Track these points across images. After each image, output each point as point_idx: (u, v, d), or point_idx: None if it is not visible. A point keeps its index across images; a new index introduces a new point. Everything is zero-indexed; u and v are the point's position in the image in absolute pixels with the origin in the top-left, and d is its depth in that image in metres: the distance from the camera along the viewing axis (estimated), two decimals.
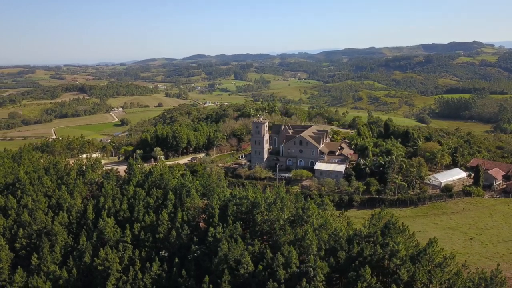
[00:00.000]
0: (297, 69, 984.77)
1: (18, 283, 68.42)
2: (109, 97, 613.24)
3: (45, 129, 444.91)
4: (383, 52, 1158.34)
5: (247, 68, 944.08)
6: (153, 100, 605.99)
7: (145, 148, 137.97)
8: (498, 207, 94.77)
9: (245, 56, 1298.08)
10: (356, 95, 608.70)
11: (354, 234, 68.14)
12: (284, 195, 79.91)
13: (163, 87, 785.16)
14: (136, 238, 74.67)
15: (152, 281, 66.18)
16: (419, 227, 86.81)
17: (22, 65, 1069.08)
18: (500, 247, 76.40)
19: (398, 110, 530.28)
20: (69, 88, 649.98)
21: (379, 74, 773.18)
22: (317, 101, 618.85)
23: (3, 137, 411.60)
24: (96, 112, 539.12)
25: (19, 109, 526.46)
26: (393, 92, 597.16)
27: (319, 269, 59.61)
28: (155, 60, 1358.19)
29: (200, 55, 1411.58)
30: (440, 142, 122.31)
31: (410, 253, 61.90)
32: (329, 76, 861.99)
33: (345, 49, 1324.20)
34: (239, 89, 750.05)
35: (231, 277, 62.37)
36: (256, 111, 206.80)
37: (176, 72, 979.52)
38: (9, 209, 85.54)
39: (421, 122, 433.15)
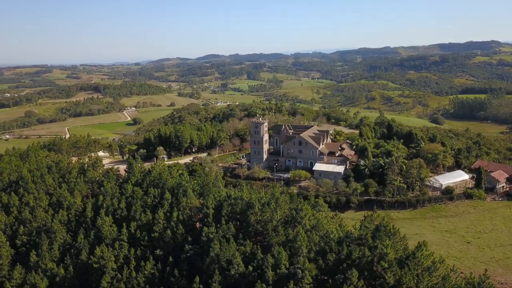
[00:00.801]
0: (310, 68, 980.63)
1: (16, 279, 69.48)
2: (122, 96, 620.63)
3: (60, 128, 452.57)
4: (398, 51, 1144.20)
5: (260, 68, 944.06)
6: (165, 100, 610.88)
7: (148, 147, 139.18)
8: (500, 210, 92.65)
9: (259, 56, 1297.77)
10: (369, 95, 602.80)
11: (345, 236, 67.50)
12: (279, 195, 79.67)
13: (177, 87, 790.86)
14: (132, 236, 75.29)
15: (146, 280, 66.54)
16: (416, 230, 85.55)
17: (40, 65, 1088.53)
18: (497, 251, 74.72)
19: (412, 111, 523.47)
20: (83, 87, 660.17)
21: (393, 74, 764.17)
22: (329, 101, 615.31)
23: (18, 135, 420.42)
24: (110, 111, 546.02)
25: (35, 108, 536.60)
26: (406, 92, 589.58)
27: (307, 271, 59.20)
28: (170, 60, 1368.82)
29: (214, 55, 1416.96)
30: (444, 143, 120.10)
31: (399, 256, 61.06)
32: (342, 76, 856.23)
33: (360, 49, 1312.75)
34: (252, 88, 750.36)
35: (222, 278, 62.34)
36: (263, 111, 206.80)
37: (189, 72, 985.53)
38: (11, 206, 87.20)
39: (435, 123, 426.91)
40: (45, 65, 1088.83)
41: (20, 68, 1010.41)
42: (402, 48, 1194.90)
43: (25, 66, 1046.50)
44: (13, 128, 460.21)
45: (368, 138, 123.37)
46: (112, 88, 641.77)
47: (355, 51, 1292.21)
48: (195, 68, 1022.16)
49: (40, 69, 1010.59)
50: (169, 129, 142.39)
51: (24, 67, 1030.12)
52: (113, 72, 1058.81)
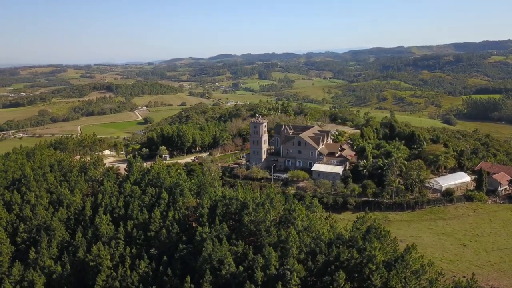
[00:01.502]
0: (322, 68, 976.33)
1: (15, 276, 70.57)
2: (134, 95, 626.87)
3: (72, 127, 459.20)
4: (412, 51, 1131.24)
5: (272, 68, 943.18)
6: (176, 99, 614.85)
7: (151, 146, 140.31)
8: (500, 213, 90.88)
9: (271, 56, 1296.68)
10: (381, 95, 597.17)
11: (336, 237, 67.15)
12: (274, 196, 79.59)
13: (188, 86, 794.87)
14: (129, 235, 75.96)
15: (140, 278, 67.02)
16: (413, 232, 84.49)
17: (55, 64, 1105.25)
18: (493, 255, 73.33)
19: (424, 111, 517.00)
20: (96, 87, 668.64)
21: (406, 74, 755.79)
22: (340, 101, 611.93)
23: (32, 133, 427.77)
24: (121, 111, 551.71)
25: (49, 107, 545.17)
26: (419, 92, 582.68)
27: (295, 273, 59.02)
28: (182, 60, 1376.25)
29: (226, 55, 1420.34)
30: (446, 144, 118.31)
31: (387, 259, 60.50)
32: (354, 75, 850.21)
33: (373, 48, 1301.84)
34: (263, 88, 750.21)
35: (214, 277, 62.51)
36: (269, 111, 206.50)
37: (201, 72, 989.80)
38: (13, 204, 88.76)
39: (447, 123, 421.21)
40: (60, 65, 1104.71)
41: (35, 68, 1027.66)
42: (416, 47, 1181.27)
43: (41, 66, 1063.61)
44: (27, 126, 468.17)
45: (369, 139, 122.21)
46: (124, 88, 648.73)
47: (368, 50, 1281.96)
48: (207, 68, 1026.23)
49: (55, 68, 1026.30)
50: (171, 128, 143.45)
51: (40, 67, 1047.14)
52: (126, 72, 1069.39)
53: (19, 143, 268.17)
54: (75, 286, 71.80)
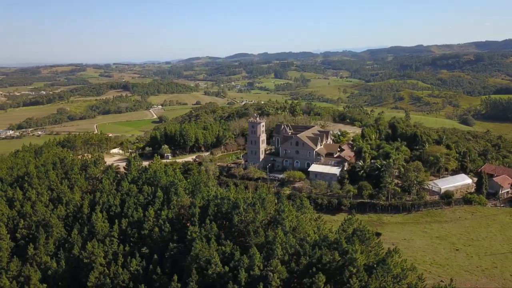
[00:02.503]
0: (339, 67, 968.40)
1: (12, 271, 72.05)
2: (150, 94, 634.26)
3: (89, 125, 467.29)
4: (432, 50, 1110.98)
5: (288, 67, 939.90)
6: (192, 98, 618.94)
7: (154, 145, 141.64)
8: (499, 217, 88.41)
9: (288, 55, 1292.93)
10: (397, 95, 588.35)
11: (322, 239, 66.52)
12: (265, 196, 79.29)
13: (204, 86, 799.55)
14: (123, 233, 76.78)
15: (131, 276, 67.57)
16: (406, 235, 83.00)
17: (75, 63, 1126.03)
18: (486, 260, 71.38)
19: (441, 111, 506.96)
20: (113, 85, 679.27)
21: (424, 73, 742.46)
22: (356, 101, 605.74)
23: (50, 131, 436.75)
24: (137, 109, 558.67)
25: (67, 106, 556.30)
26: (436, 92, 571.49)
27: (276, 274, 58.76)
28: (199, 59, 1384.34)
29: (243, 54, 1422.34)
30: (449, 146, 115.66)
31: (369, 262, 59.64)
32: (371, 75, 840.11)
33: (391, 47, 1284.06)
34: (278, 87, 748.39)
35: (201, 277, 62.70)
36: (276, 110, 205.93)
37: (218, 71, 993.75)
38: (15, 200, 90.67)
39: (464, 124, 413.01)
40: (80, 64, 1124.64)
41: (56, 67, 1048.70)
42: (435, 46, 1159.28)
43: (62, 65, 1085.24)
44: (45, 124, 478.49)
45: (370, 139, 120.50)
46: (141, 87, 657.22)
47: (386, 49, 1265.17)
48: (223, 67, 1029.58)
49: (75, 67, 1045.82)
50: (174, 127, 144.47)
51: (61, 66, 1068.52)
52: (144, 71, 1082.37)
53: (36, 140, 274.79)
54: (70, 282, 72.79)
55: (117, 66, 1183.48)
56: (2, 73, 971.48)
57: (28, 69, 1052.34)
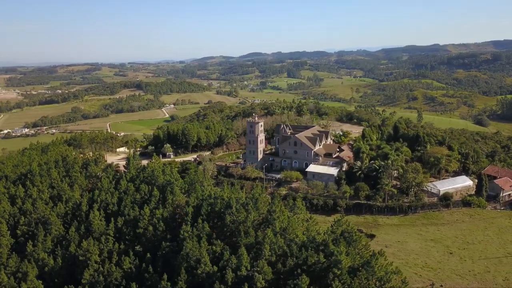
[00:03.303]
0: (353, 67, 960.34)
1: (11, 267, 73.42)
2: (163, 93, 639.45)
3: (102, 123, 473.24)
4: (448, 49, 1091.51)
5: (301, 66, 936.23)
6: (204, 98, 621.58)
7: (157, 144, 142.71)
8: (498, 220, 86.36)
9: (301, 54, 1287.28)
10: (411, 95, 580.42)
11: (310, 241, 66.17)
12: (259, 196, 79.17)
13: (217, 85, 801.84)
14: (119, 231, 77.52)
15: (124, 274, 68.12)
16: (400, 237, 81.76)
17: (91, 63, 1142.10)
18: (479, 264, 69.85)
19: (456, 111, 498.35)
20: (127, 84, 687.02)
21: (439, 73, 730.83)
22: (369, 100, 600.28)
23: (64, 130, 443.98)
24: (150, 108, 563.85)
25: (81, 104, 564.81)
26: (451, 92, 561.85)
27: (261, 275, 58.69)
28: (213, 58, 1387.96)
29: (256, 53, 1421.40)
30: (451, 147, 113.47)
31: (355, 264, 59.10)
32: (385, 74, 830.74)
33: (406, 46, 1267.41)
34: (290, 87, 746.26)
35: (190, 276, 62.97)
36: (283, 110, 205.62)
37: (231, 70, 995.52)
38: (16, 197, 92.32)
39: (479, 125, 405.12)
40: (96, 63, 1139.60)
41: (72, 66, 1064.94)
42: (452, 45, 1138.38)
43: (78, 64, 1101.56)
44: (60, 123, 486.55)
45: (370, 140, 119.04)
46: (154, 86, 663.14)
47: (402, 48, 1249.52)
48: (236, 67, 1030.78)
49: (91, 67, 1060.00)
50: (177, 127, 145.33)
51: (77, 65, 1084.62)
52: (158, 70, 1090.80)
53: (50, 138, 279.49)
54: (66, 279, 73.62)
55: (132, 66, 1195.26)
56: (20, 72, 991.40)
57: (46, 68, 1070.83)
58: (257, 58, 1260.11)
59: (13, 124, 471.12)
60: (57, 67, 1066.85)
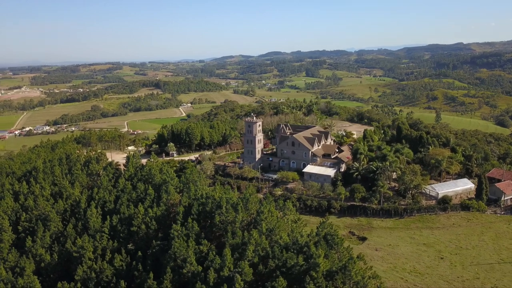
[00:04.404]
0: (373, 66, 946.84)
1: (10, 262, 75.40)
2: (180, 92, 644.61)
3: (120, 122, 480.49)
4: (472, 48, 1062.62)
5: (320, 65, 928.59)
6: (221, 97, 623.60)
7: (161, 143, 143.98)
8: (496, 225, 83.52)
9: (321, 53, 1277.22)
10: (431, 94, 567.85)
11: (293, 242, 65.60)
12: (249, 197, 78.95)
13: (235, 84, 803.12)
14: (114, 229, 78.60)
15: (116, 272, 68.98)
16: (392, 241, 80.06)
17: (112, 62, 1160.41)
18: (469, 270, 67.75)
19: (477, 112, 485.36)
20: (146, 83, 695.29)
21: (462, 72, 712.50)
22: (388, 100, 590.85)
23: (83, 127, 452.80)
24: (167, 107, 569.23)
25: (101, 103, 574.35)
26: (473, 91, 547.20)
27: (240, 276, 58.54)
28: (233, 57, 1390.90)
29: (275, 52, 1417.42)
30: (454, 149, 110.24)
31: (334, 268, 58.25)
32: (406, 74, 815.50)
33: (429, 45, 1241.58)
34: (308, 86, 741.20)
35: (177, 276, 63.36)
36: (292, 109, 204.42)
37: (249, 69, 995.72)
38: (20, 194, 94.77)
39: (501, 125, 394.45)
40: (117, 62, 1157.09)
41: (94, 65, 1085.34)
42: (476, 44, 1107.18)
43: (99, 63, 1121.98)
44: (79, 121, 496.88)
45: (372, 141, 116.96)
46: (172, 85, 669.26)
47: (424, 47, 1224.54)
48: (255, 66, 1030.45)
49: (112, 66, 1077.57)
50: (180, 126, 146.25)
51: (98, 64, 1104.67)
52: (178, 69, 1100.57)
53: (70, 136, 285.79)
54: (61, 275, 75.11)
55: (152, 65, 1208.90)
56: (44, 71, 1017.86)
57: (69, 67, 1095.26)
58: (276, 57, 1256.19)
59: (35, 122, 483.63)
60: (80, 66, 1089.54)
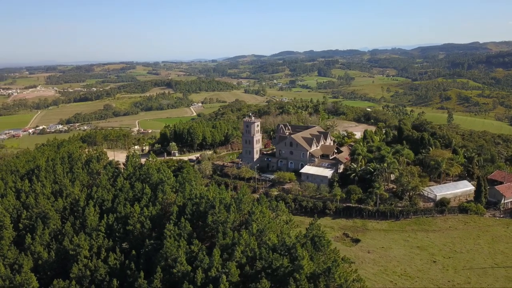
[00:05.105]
0: (386, 65, 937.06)
1: (9, 259, 76.72)
2: (192, 92, 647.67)
3: (131, 121, 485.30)
4: (488, 47, 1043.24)
5: (332, 64, 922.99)
6: (231, 96, 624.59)
7: (163, 142, 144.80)
8: (494, 228, 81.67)
9: (334, 52, 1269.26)
10: (444, 95, 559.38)
11: (281, 244, 65.44)
12: (242, 197, 78.98)
13: (246, 83, 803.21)
14: (110, 228, 79.38)
15: (110, 270, 69.67)
16: (386, 243, 78.99)
17: (126, 62, 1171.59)
18: (461, 274, 66.39)
19: (491, 112, 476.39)
20: (157, 83, 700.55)
21: (476, 72, 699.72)
22: (400, 100, 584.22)
23: (95, 126, 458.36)
24: (178, 106, 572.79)
25: (113, 102, 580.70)
26: (487, 91, 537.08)
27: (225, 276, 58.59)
28: (245, 57, 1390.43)
29: (288, 52, 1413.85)
30: (456, 150, 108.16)
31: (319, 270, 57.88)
32: (420, 73, 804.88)
33: (444, 44, 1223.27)
34: (320, 85, 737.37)
35: (168, 275, 63.71)
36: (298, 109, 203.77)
37: (261, 69, 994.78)
38: (22, 191, 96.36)
39: None
40: (131, 62, 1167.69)
41: (108, 65, 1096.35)
42: (492, 43, 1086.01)
43: (113, 63, 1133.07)
44: (91, 119, 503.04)
45: (372, 141, 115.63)
46: (183, 84, 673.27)
47: (439, 47, 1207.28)
48: (267, 65, 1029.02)
49: (125, 65, 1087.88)
50: (183, 125, 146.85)
51: (112, 64, 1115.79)
52: (190, 69, 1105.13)
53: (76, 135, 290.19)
54: (58, 272, 76.08)
55: (165, 64, 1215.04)
56: (60, 71, 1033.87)
57: (83, 66, 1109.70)
58: (289, 56, 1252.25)
59: (48, 121, 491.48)
60: (94, 65, 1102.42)
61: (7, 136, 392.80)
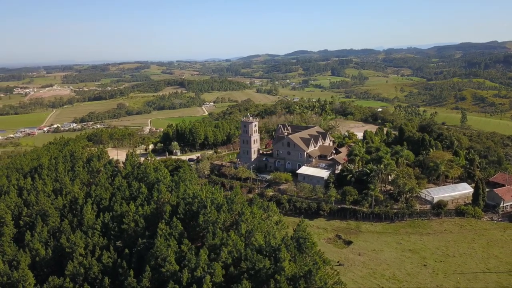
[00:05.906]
0: (401, 65, 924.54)
1: (8, 255, 78.31)
2: (204, 91, 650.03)
3: (143, 120, 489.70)
4: (507, 46, 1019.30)
5: (346, 64, 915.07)
6: (243, 96, 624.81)
7: (165, 142, 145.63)
8: (490, 232, 79.80)
9: (348, 52, 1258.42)
10: (459, 95, 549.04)
11: (266, 245, 65.29)
12: (234, 197, 79.00)
13: (259, 83, 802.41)
14: (106, 226, 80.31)
15: (103, 268, 70.46)
16: (378, 246, 77.96)
17: (140, 61, 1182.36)
18: (451, 279, 65.09)
19: (507, 113, 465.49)
20: (170, 82, 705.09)
21: (493, 71, 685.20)
22: (414, 100, 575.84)
23: (108, 125, 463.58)
24: (190, 106, 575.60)
25: (126, 101, 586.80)
26: (504, 92, 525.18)
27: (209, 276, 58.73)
28: (259, 56, 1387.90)
29: (302, 51, 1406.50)
30: (457, 152, 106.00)
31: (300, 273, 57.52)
32: (435, 73, 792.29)
33: (461, 44, 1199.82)
34: (333, 85, 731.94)
35: (157, 274, 64.16)
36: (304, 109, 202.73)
37: (274, 68, 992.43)
38: (24, 189, 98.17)
39: None
40: (145, 62, 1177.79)
41: (123, 64, 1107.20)
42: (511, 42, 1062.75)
43: (128, 62, 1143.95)
44: (105, 118, 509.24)
45: (372, 142, 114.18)
46: (196, 84, 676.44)
47: (455, 46, 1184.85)
48: (280, 65, 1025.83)
49: (140, 65, 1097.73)
50: (185, 125, 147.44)
51: (127, 63, 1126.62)
52: (204, 68, 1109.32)
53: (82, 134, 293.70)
54: (54, 269, 77.30)
55: (179, 64, 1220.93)
56: (76, 70, 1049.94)
57: (99, 66, 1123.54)
58: (303, 56, 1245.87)
59: (63, 119, 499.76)
60: (109, 65, 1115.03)
61: (23, 134, 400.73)
